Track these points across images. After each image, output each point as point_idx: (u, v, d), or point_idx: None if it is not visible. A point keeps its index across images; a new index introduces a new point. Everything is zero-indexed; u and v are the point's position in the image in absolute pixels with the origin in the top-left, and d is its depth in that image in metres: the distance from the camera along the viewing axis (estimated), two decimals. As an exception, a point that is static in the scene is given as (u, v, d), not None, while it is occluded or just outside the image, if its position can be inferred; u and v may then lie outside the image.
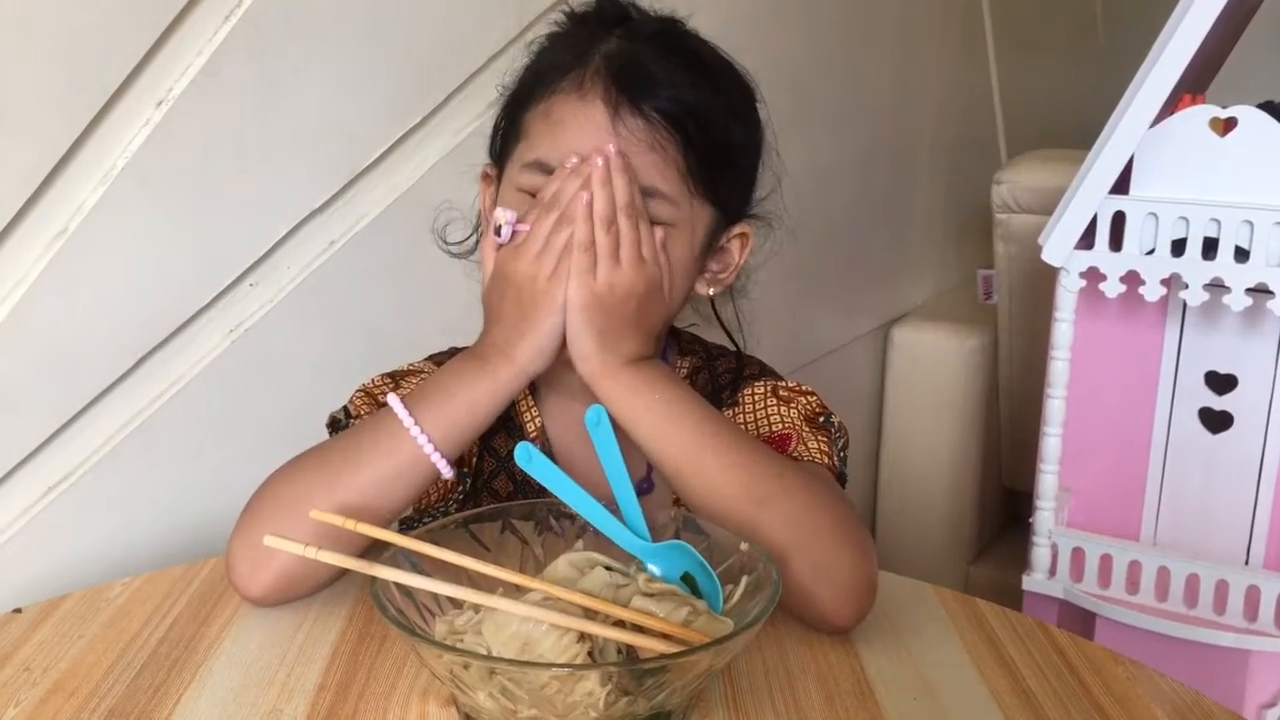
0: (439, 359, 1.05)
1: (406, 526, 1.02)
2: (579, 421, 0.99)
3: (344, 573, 0.87)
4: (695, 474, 0.88)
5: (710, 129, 0.91)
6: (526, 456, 0.81)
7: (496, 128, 1.00)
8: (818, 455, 0.96)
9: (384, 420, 0.89)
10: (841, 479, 0.96)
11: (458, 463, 0.98)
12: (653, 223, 0.90)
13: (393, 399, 0.88)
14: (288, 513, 0.85)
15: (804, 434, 0.97)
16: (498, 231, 0.90)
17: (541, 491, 0.82)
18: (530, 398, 1.01)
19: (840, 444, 0.98)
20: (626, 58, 0.91)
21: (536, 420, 1.01)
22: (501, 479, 1.01)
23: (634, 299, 0.88)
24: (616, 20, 0.94)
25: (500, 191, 0.96)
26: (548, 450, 1.00)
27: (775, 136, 1.00)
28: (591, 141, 0.89)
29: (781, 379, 1.04)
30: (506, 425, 1.00)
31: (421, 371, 1.02)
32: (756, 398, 1.01)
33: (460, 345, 1.03)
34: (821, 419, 0.99)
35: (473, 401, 0.89)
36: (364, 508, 0.85)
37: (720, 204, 0.95)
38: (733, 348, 1.08)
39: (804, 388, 1.02)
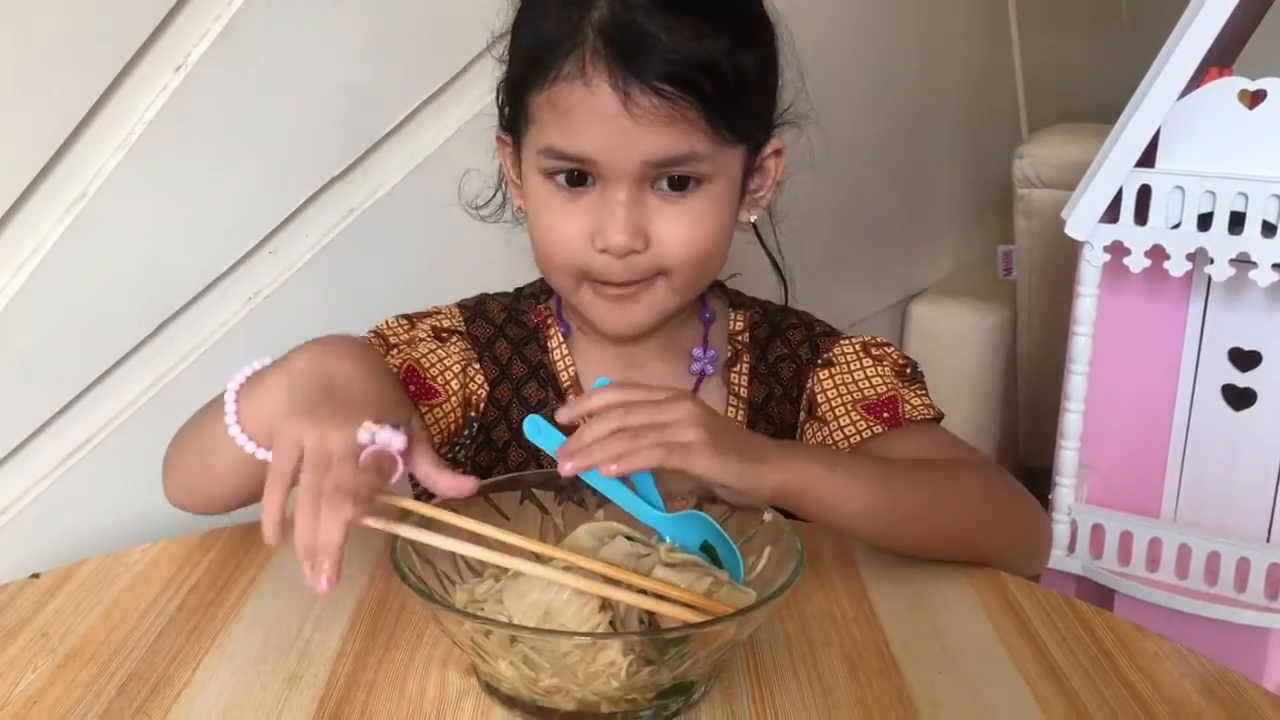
0: (467, 304, 1.05)
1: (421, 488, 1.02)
2: (614, 367, 0.99)
3: (250, 490, 0.84)
4: (905, 513, 0.87)
5: (726, 75, 0.87)
6: (535, 430, 0.80)
7: (501, 106, 0.97)
8: (924, 410, 0.98)
9: (219, 407, 0.82)
10: (939, 419, 1.00)
11: (464, 406, 0.99)
12: (689, 181, 0.89)
13: (243, 371, 0.83)
14: (177, 455, 0.90)
15: (903, 393, 0.99)
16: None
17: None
18: (564, 346, 1.01)
19: (926, 388, 1.02)
20: (623, 27, 0.85)
21: (571, 369, 1.01)
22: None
23: (707, 406, 0.81)
24: None
25: (523, 171, 0.95)
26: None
27: (786, 32, 0.96)
28: (604, 133, 0.86)
29: (849, 335, 1.05)
30: (538, 373, 1.01)
31: (440, 313, 1.02)
32: (849, 356, 1.02)
33: (490, 293, 1.04)
34: (909, 370, 1.01)
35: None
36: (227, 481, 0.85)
37: (749, 137, 0.93)
38: (778, 291, 1.10)
39: (882, 340, 1.04)
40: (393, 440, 0.71)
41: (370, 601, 0.84)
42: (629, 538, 0.78)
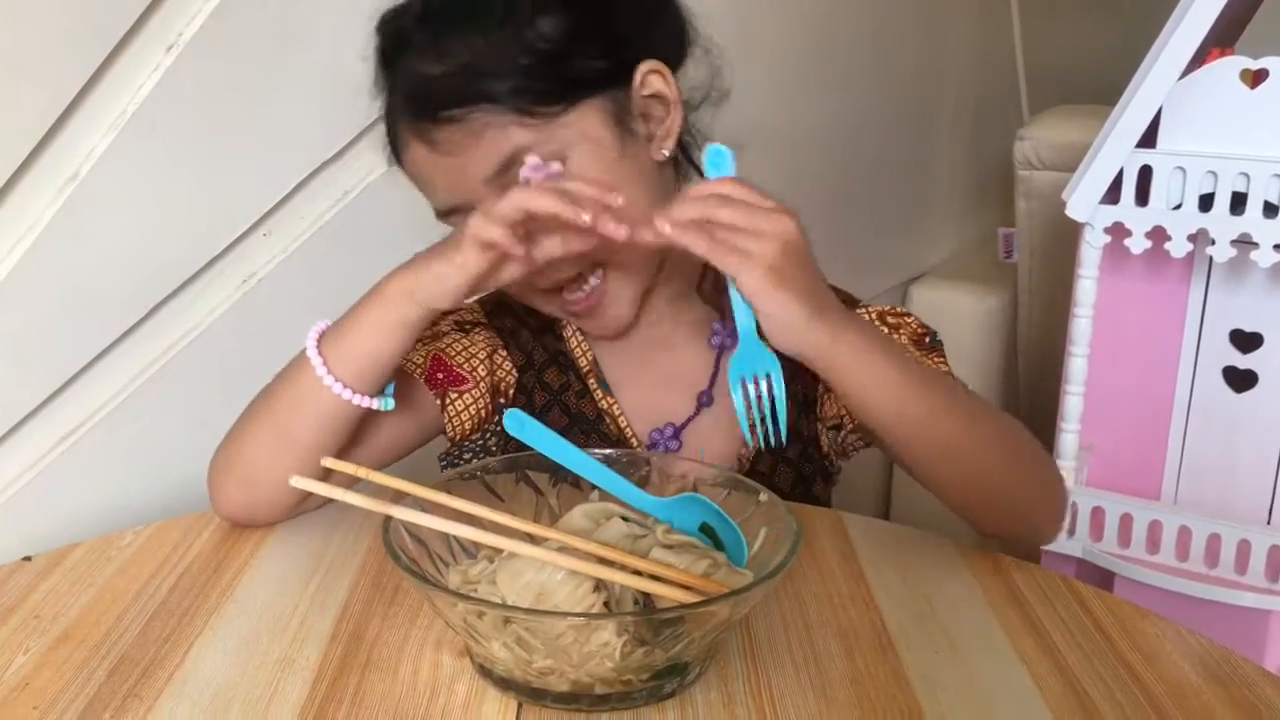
0: (485, 300, 1.05)
1: (444, 459, 1.02)
2: (629, 346, 0.99)
3: (305, 501, 0.93)
4: (937, 421, 0.85)
5: (511, 63, 0.85)
6: (517, 424, 0.80)
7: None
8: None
9: (303, 364, 0.90)
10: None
11: (493, 393, 0.99)
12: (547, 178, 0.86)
13: (310, 344, 0.90)
14: (244, 444, 0.92)
15: (919, 359, 0.96)
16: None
17: (588, 431, 0.81)
18: (579, 334, 1.02)
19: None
20: (409, 81, 0.90)
21: (589, 355, 1.01)
22: (555, 412, 1.00)
23: (804, 239, 0.80)
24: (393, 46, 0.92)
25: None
26: (604, 381, 1.01)
27: None
28: (437, 180, 0.90)
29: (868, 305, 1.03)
30: (558, 359, 1.01)
31: (459, 309, 1.02)
32: None
33: None
34: (928, 339, 1.00)
35: (362, 329, 0.89)
36: (307, 448, 0.88)
37: (590, 90, 0.88)
38: None
39: (900, 309, 1.02)
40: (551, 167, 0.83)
41: (363, 584, 0.84)
42: (625, 519, 0.78)
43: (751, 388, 0.80)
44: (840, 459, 1.04)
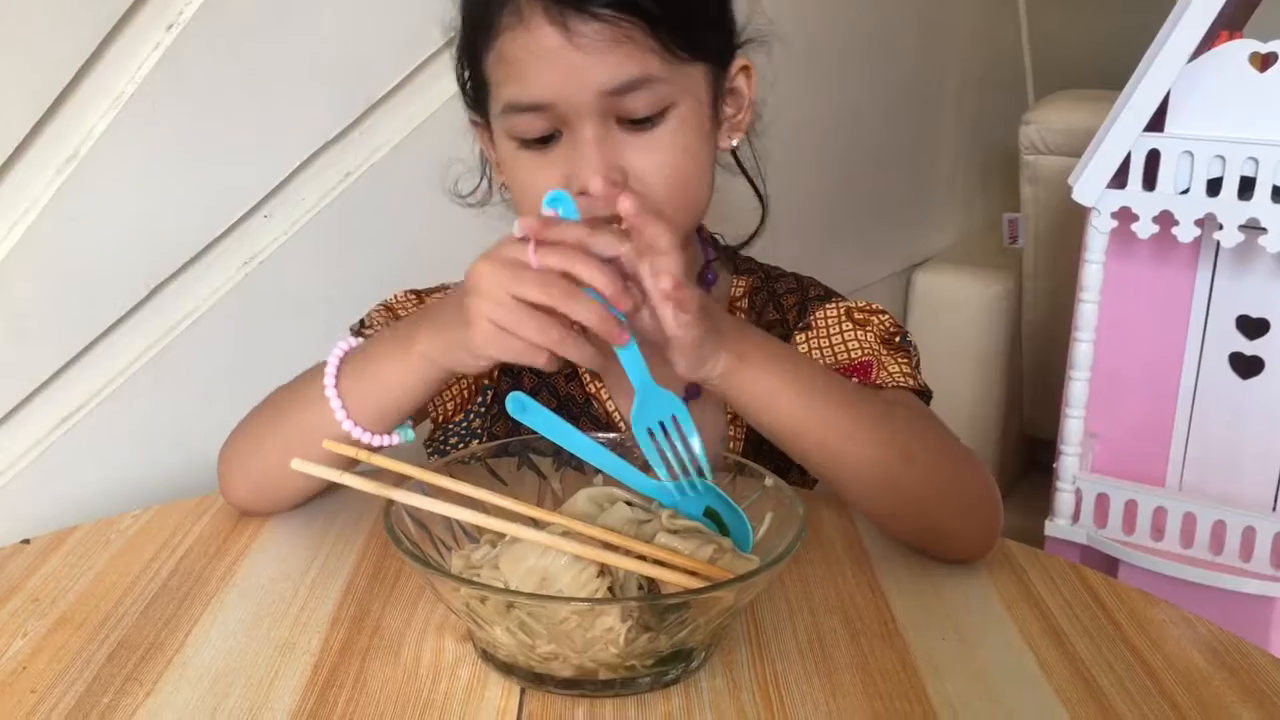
0: None
1: (429, 445, 1.01)
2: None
3: (317, 487, 0.92)
4: (844, 440, 0.83)
5: None
6: (520, 406, 0.78)
7: (462, 83, 0.96)
8: (901, 379, 0.93)
9: (316, 376, 0.87)
10: (926, 396, 0.94)
11: (476, 375, 0.99)
12: (656, 114, 0.86)
13: (332, 359, 0.87)
14: (253, 450, 0.90)
15: (883, 358, 0.94)
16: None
17: (578, 414, 0.80)
18: None
19: (916, 361, 0.96)
20: None
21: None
22: (543, 395, 0.99)
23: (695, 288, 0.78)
24: None
25: (496, 145, 0.93)
26: (599, 377, 1.00)
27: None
28: (553, 71, 0.84)
29: (845, 299, 1.01)
30: None
31: (447, 289, 1.01)
32: (830, 320, 0.98)
33: None
34: (898, 338, 0.97)
35: (385, 383, 0.85)
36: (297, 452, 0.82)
37: (709, 54, 0.90)
38: (763, 263, 1.06)
39: (874, 306, 1.00)
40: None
41: (365, 568, 0.83)
42: (629, 503, 0.77)
43: (661, 435, 0.78)
44: None
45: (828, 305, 1.00)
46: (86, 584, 0.81)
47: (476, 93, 0.94)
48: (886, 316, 0.99)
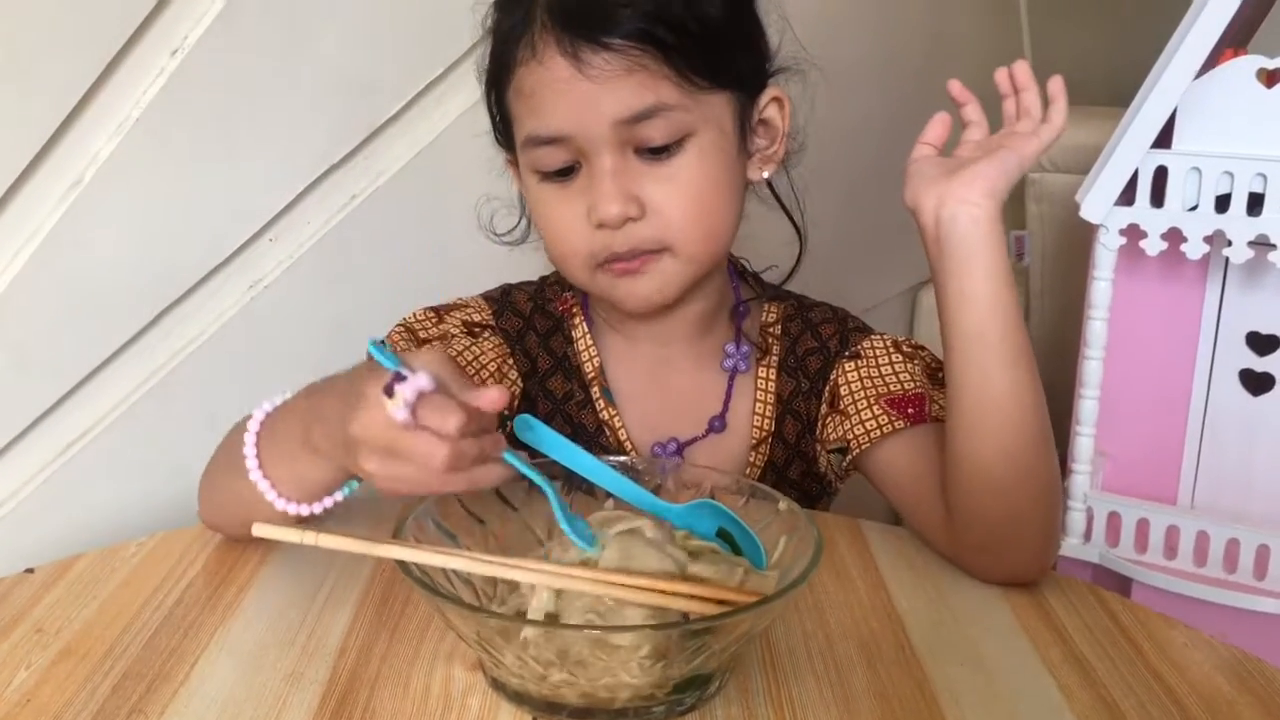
0: (493, 295, 1.03)
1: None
2: (639, 360, 0.98)
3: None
4: (1009, 366, 0.86)
5: (683, 20, 0.85)
6: (525, 427, 0.78)
7: (492, 119, 0.96)
8: None
9: (248, 479, 0.81)
10: None
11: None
12: (674, 143, 0.87)
13: (253, 469, 0.80)
14: (222, 511, 0.87)
15: (932, 392, 0.94)
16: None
17: (588, 444, 0.80)
18: (589, 336, 1.00)
19: None
20: None
21: (595, 361, 0.99)
22: (557, 421, 0.99)
23: None
24: None
25: (522, 179, 0.94)
26: (607, 390, 0.99)
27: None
28: (567, 103, 0.85)
29: (885, 333, 1.02)
30: (563, 365, 0.99)
31: (468, 306, 1.00)
32: (879, 351, 0.98)
33: (512, 282, 1.03)
34: (941, 374, 0.96)
35: (304, 479, 0.80)
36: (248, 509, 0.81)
37: (733, 83, 0.90)
38: (792, 291, 1.06)
39: (917, 342, 1.01)
40: (418, 382, 0.66)
41: (373, 597, 0.82)
42: (648, 539, 0.75)
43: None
44: (838, 481, 1.02)
45: (873, 336, 1.00)
46: (91, 613, 0.80)
47: (505, 129, 0.94)
48: (928, 353, 0.99)
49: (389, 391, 0.66)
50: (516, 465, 0.71)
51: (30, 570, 0.86)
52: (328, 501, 0.81)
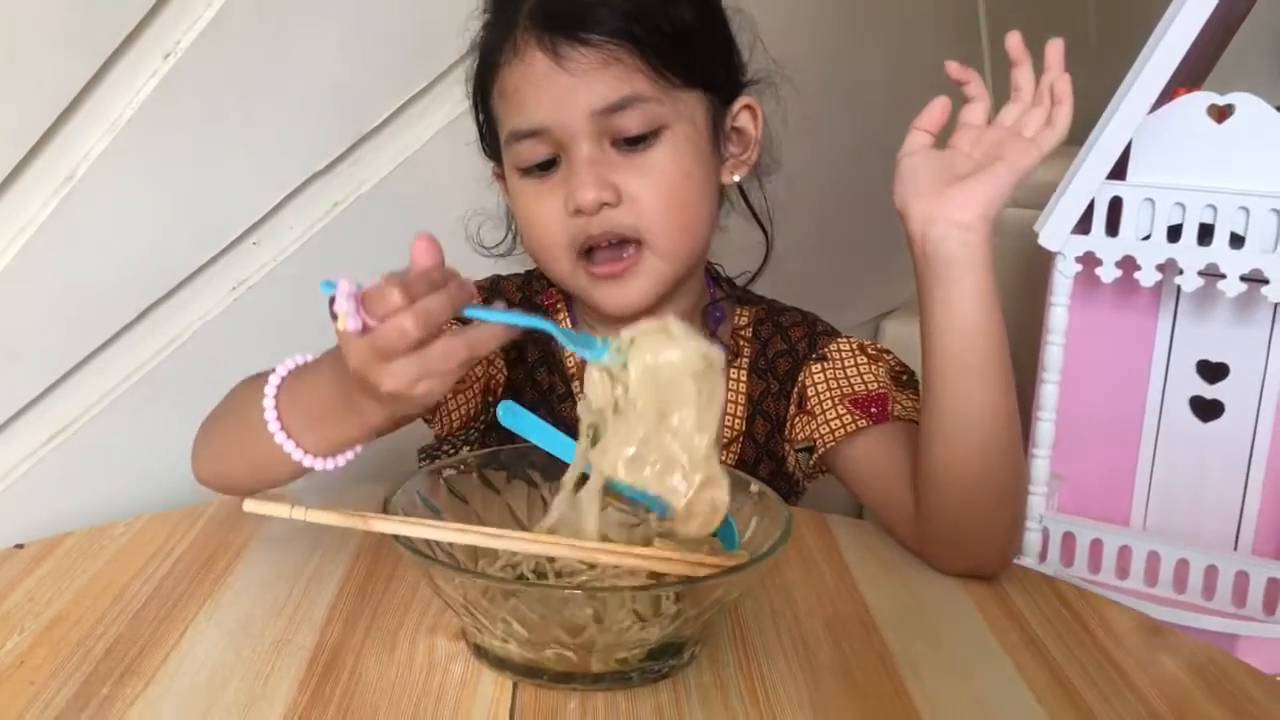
0: (482, 285, 1.05)
1: (426, 455, 1.03)
2: None
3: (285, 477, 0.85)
4: (992, 378, 0.90)
5: (657, 19, 0.90)
6: (509, 414, 0.81)
7: (479, 127, 1.00)
8: (914, 414, 0.97)
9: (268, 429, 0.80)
10: None
11: (484, 392, 0.99)
12: (650, 134, 0.91)
13: (272, 422, 0.79)
14: (222, 467, 0.88)
15: (895, 394, 0.98)
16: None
17: (572, 435, 0.82)
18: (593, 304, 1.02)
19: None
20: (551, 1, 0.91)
21: (577, 357, 1.02)
22: (541, 412, 1.01)
23: None
24: None
25: (507, 181, 0.98)
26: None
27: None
28: (546, 96, 0.90)
29: (851, 336, 1.05)
30: (547, 359, 1.02)
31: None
32: (844, 353, 1.01)
33: (503, 274, 1.06)
34: (905, 376, 1.01)
35: (337, 440, 0.79)
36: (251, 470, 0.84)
37: (707, 85, 0.95)
38: (767, 291, 1.10)
39: (881, 345, 1.04)
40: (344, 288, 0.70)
41: (357, 573, 0.85)
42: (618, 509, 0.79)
43: None
44: (806, 480, 1.05)
45: (839, 339, 1.03)
46: (82, 585, 0.82)
47: (491, 137, 0.98)
48: (891, 356, 1.03)
49: (334, 316, 0.68)
50: (506, 318, 0.70)
51: (20, 545, 0.88)
52: (350, 454, 0.80)
